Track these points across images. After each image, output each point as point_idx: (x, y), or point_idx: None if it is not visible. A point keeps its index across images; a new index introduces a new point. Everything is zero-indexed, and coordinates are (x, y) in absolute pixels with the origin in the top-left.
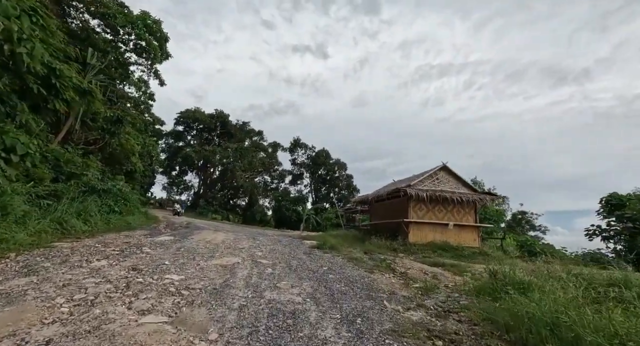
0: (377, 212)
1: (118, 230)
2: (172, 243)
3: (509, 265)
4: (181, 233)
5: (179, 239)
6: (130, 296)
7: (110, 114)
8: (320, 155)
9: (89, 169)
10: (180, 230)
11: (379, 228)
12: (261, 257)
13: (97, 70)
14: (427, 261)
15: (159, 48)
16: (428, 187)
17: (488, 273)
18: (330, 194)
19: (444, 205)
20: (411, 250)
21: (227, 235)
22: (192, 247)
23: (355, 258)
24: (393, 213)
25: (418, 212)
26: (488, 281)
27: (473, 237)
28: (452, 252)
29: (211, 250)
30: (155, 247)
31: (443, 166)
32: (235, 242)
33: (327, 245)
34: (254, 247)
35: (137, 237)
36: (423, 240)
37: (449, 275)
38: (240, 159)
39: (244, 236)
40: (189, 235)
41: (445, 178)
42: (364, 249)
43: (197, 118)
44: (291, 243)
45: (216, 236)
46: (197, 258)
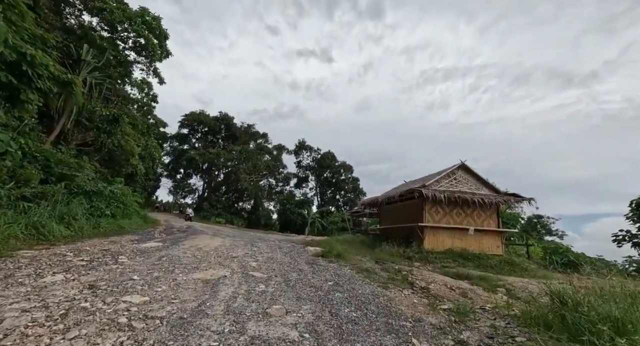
0: (388, 216)
1: (106, 234)
2: (156, 250)
3: (548, 278)
4: (173, 239)
5: (168, 245)
6: (58, 332)
7: (106, 113)
8: (325, 158)
9: (83, 170)
10: (175, 235)
11: (389, 233)
12: (255, 269)
13: (93, 67)
14: (449, 272)
15: (158, 46)
16: (445, 188)
17: (550, 296)
18: (337, 196)
19: (463, 208)
20: (428, 259)
21: (224, 240)
22: (177, 255)
23: (365, 269)
24: (406, 216)
25: (434, 215)
26: (551, 308)
27: (496, 244)
28: (475, 261)
29: (198, 259)
30: (135, 256)
31: (461, 165)
32: (229, 249)
33: (333, 252)
34: (249, 255)
35: (122, 243)
36: (440, 247)
37: (480, 291)
38: (245, 162)
39: (242, 242)
40: (182, 240)
41: (463, 178)
42: (375, 257)
43: (201, 121)
44: (293, 250)
45: (211, 242)
46: (177, 271)
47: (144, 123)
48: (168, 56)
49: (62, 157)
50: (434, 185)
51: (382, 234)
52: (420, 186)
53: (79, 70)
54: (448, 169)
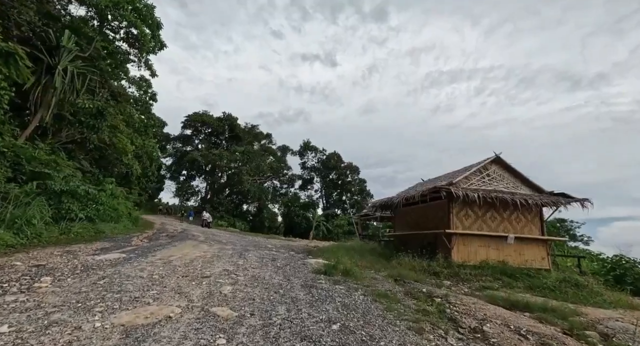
0: (405, 220)
1: (71, 242)
2: (109, 266)
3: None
4: (149, 247)
5: (132, 257)
6: None
7: (90, 106)
8: (331, 159)
9: (61, 169)
10: (158, 242)
11: (407, 241)
12: (224, 300)
13: (75, 55)
14: (496, 298)
15: (150, 36)
16: (477, 186)
17: None
18: (344, 198)
19: (499, 211)
20: (460, 276)
21: (209, 249)
22: (128, 274)
23: (384, 294)
24: (428, 221)
25: (464, 220)
26: None
27: (540, 255)
28: (524, 280)
29: (152, 282)
30: (69, 276)
31: (495, 158)
32: (207, 263)
33: (340, 267)
34: (227, 274)
35: (77, 254)
36: (472, 260)
37: (571, 342)
38: (248, 163)
39: (231, 251)
40: (156, 250)
41: (498, 175)
42: (392, 274)
43: (205, 122)
44: (289, 263)
45: (191, 252)
46: (101, 306)
47: (141, 122)
48: (163, 48)
49: (37, 154)
50: (462, 182)
51: (397, 242)
52: (447, 184)
53: (59, 58)
54: (479, 164)
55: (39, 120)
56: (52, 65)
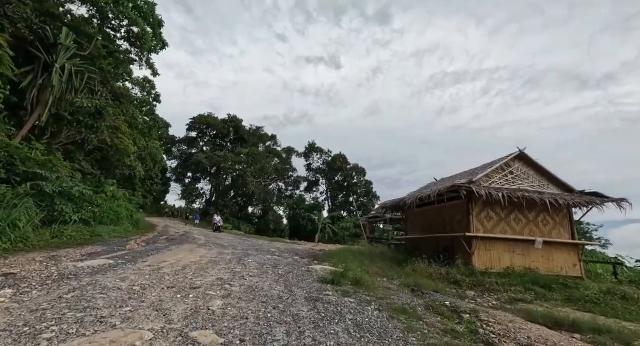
0: (417, 222)
1: (61, 245)
2: (87, 274)
3: None
4: (143, 251)
5: (120, 263)
6: None
7: (88, 105)
8: (336, 160)
9: (58, 169)
10: (156, 245)
11: (420, 244)
12: (211, 317)
13: (73, 53)
14: (534, 314)
15: (152, 34)
16: (499, 184)
17: None
18: (351, 198)
19: (523, 212)
20: (485, 285)
21: (208, 253)
22: (104, 285)
23: (401, 308)
24: (444, 223)
25: (485, 222)
26: None
27: (571, 261)
28: (560, 290)
29: (131, 294)
30: (35, 287)
31: (519, 154)
32: (200, 271)
33: (349, 275)
34: (220, 284)
35: (61, 259)
36: (495, 266)
37: None
38: (252, 164)
39: (230, 256)
40: (149, 254)
41: (522, 172)
42: (407, 282)
43: (209, 124)
44: (292, 270)
45: (186, 257)
46: (48, 333)
47: (144, 123)
48: (164, 47)
49: (32, 154)
50: (482, 181)
51: (409, 245)
52: (467, 182)
53: (56, 56)
54: (500, 160)
55: (36, 120)
56: (49, 62)
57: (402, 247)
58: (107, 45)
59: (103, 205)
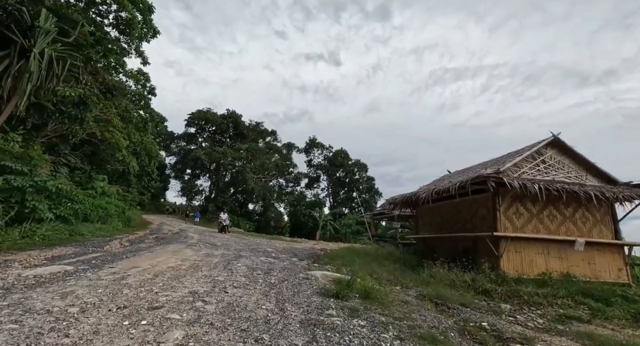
0: (432, 219)
1: (28, 247)
2: (24, 288)
3: None
4: (115, 255)
5: (81, 270)
6: None
7: (70, 94)
8: (338, 156)
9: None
10: (138, 245)
11: (435, 244)
12: None
13: (53, 38)
14: (605, 342)
15: (142, 21)
16: (530, 175)
17: None
18: (354, 194)
19: (558, 208)
20: (522, 296)
21: (194, 254)
22: (29, 307)
23: (429, 336)
24: (464, 220)
25: (514, 219)
26: None
27: (617, 265)
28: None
29: (57, 321)
30: None
31: (553, 140)
32: (175, 280)
33: (356, 286)
34: (191, 302)
35: (12, 265)
36: (528, 271)
37: None
38: (252, 160)
39: (218, 258)
40: (124, 258)
41: (556, 161)
42: (428, 293)
43: (208, 119)
44: (288, 277)
45: (167, 260)
46: None
47: (139, 117)
48: (155, 35)
49: (10, 147)
50: (510, 171)
51: (421, 246)
52: (495, 172)
53: (34, 40)
54: (531, 148)
55: (13, 109)
56: (27, 47)
57: (412, 247)
58: (94, 33)
59: (86, 201)
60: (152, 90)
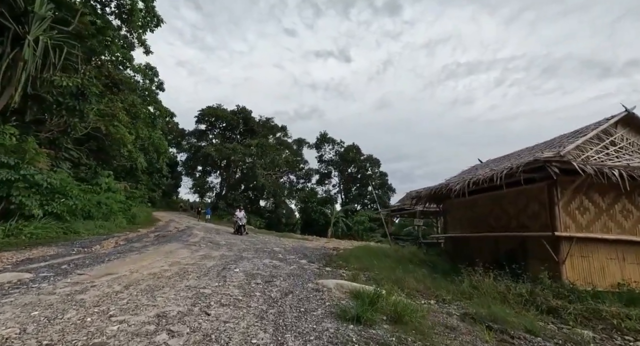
0: (462, 215)
1: (9, 247)
2: None
3: None
4: (99, 256)
5: (37, 279)
6: None
7: (68, 84)
8: (349, 151)
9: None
10: (133, 245)
11: (467, 245)
12: None
13: (48, 25)
14: None
15: (144, 8)
16: (597, 160)
17: None
18: (370, 188)
19: (634, 201)
20: (606, 317)
21: (190, 256)
22: None
23: None
24: (507, 216)
25: (578, 215)
26: None
27: None
28: None
29: None
30: None
31: (626, 116)
32: (149, 293)
33: (383, 304)
34: (149, 334)
35: None
36: (598, 281)
37: None
38: (263, 156)
39: (215, 261)
40: (104, 261)
41: (629, 143)
42: (478, 314)
43: (218, 116)
44: (294, 288)
45: (154, 263)
46: None
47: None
48: (159, 24)
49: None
50: (571, 154)
51: (451, 246)
52: (555, 155)
53: (28, 27)
54: (596, 126)
55: (8, 100)
56: (21, 34)
57: (438, 247)
58: (95, 22)
59: (81, 197)
60: (160, 85)
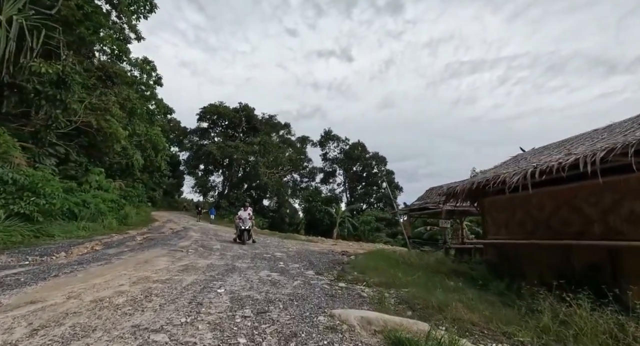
0: (511, 216)
1: None
2: None
3: None
4: (32, 273)
5: None
6: None
7: (47, 70)
8: (355, 148)
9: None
10: (107, 252)
11: (517, 254)
12: None
13: (24, 3)
14: None
15: None
16: None
17: None
18: (384, 184)
19: None
20: None
21: (166, 268)
22: None
23: None
24: (585, 219)
25: None
26: None
27: None
28: None
29: None
30: None
31: None
32: (78, 334)
33: None
34: None
35: None
36: None
37: None
38: (265, 155)
39: (196, 275)
40: (52, 275)
41: None
42: None
43: (220, 113)
44: (297, 327)
45: (115, 280)
46: None
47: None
48: (153, 10)
49: None
50: None
51: (493, 255)
52: None
53: (0, 4)
54: None
55: None
56: None
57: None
58: (82, 5)
59: (59, 195)
60: (158, 79)
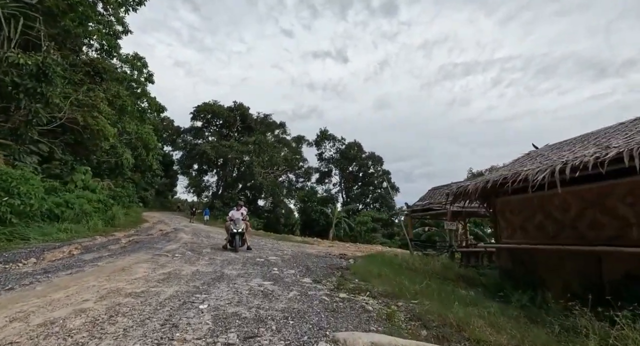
0: (528, 219)
1: None
2: None
3: None
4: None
5: None
6: None
7: (27, 62)
8: (351, 148)
9: None
10: (82, 257)
11: (534, 261)
12: None
13: None
14: None
15: None
16: None
17: None
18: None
19: None
20: None
21: (144, 277)
22: None
23: None
24: (618, 222)
25: None
26: None
27: None
28: None
29: None
30: None
31: None
32: None
33: None
34: None
35: None
36: None
37: None
38: (260, 155)
39: (177, 286)
40: (23, 284)
41: None
42: None
43: (214, 112)
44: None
45: (72, 296)
46: None
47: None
48: (142, 2)
49: None
50: None
51: (508, 261)
52: None
53: None
54: None
55: None
56: None
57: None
58: None
59: (37, 195)
60: (149, 76)
